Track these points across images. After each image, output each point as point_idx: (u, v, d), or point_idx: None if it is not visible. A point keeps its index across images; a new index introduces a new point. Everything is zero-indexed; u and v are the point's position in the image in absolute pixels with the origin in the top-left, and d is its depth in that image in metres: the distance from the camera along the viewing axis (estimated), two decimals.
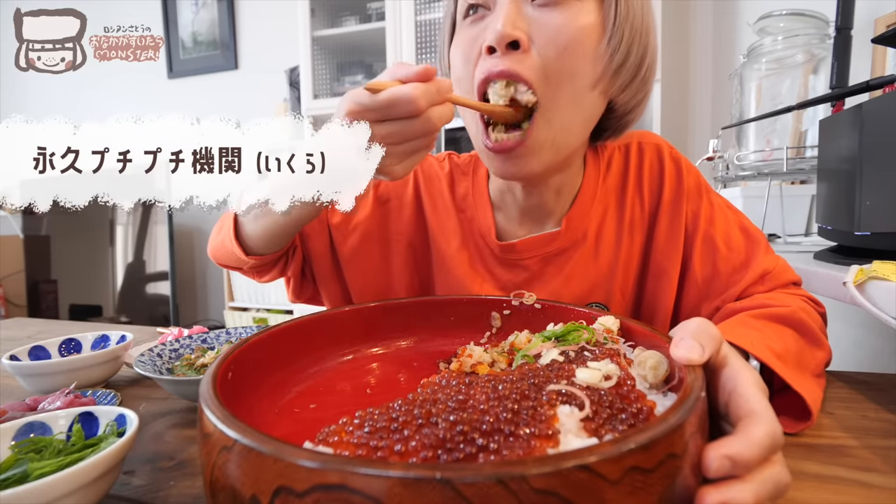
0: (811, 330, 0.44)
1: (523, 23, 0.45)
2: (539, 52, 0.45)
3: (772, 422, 0.25)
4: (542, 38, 0.45)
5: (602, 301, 0.58)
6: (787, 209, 1.01)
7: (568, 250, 0.58)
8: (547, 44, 0.45)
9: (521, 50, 0.45)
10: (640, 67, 0.49)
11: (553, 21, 0.45)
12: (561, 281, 0.58)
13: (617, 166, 0.59)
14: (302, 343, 0.41)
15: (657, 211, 0.58)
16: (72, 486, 0.27)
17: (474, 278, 0.60)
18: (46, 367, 0.51)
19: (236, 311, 2.37)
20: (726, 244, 0.55)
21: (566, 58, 0.45)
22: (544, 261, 0.58)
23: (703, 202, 0.57)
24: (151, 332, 0.80)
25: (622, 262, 0.58)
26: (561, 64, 0.45)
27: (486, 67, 0.46)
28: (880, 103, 0.62)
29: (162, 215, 2.42)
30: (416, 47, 2.03)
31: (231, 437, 0.21)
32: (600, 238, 0.58)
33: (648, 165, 0.58)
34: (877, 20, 1.10)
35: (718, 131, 1.22)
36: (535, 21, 0.45)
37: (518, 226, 0.59)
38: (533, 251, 0.58)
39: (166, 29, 2.80)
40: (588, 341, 0.35)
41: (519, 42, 0.44)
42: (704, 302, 0.56)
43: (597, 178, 0.59)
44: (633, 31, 0.47)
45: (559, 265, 0.58)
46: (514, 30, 0.44)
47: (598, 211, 0.58)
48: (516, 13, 0.44)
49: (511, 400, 0.24)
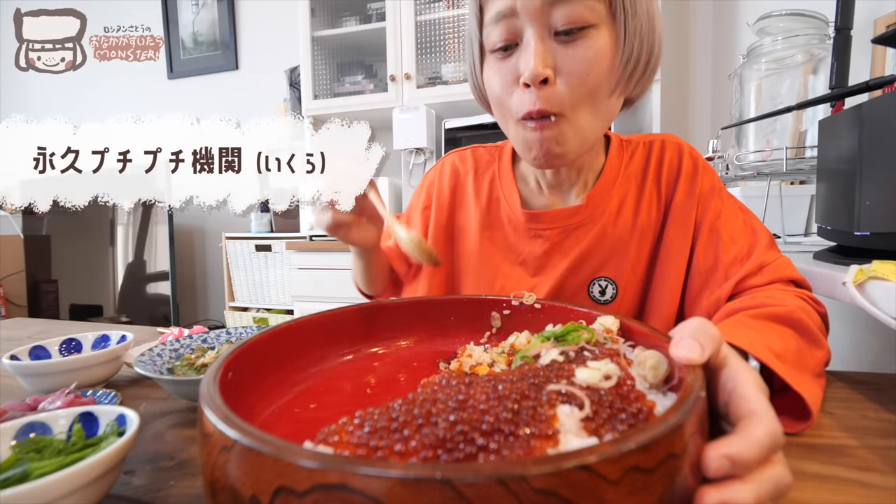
0: (810, 329, 0.45)
1: (550, 58, 0.51)
2: (564, 81, 0.52)
3: (772, 422, 0.25)
4: (566, 69, 0.51)
5: (613, 277, 0.62)
6: (787, 209, 1.01)
7: (587, 224, 0.63)
8: (570, 74, 0.51)
9: (549, 83, 0.51)
10: (648, 63, 0.55)
11: (575, 54, 0.51)
12: (578, 253, 0.62)
13: (639, 158, 0.65)
14: (302, 343, 0.41)
15: (671, 202, 0.62)
16: (72, 486, 0.27)
17: (493, 252, 0.66)
18: (47, 367, 0.51)
19: (236, 311, 2.37)
20: (730, 237, 0.58)
21: (587, 83, 0.52)
22: (565, 232, 0.63)
23: (715, 198, 0.61)
24: (152, 332, 0.80)
25: (636, 243, 0.62)
26: (583, 88, 0.52)
27: (524, 103, 0.53)
28: (880, 103, 0.62)
29: (162, 215, 2.42)
30: (416, 47, 2.03)
31: (231, 437, 0.21)
32: (618, 218, 0.63)
33: (668, 160, 0.64)
34: (877, 20, 1.10)
35: (718, 131, 1.22)
36: (559, 54, 0.51)
37: (542, 198, 0.66)
38: (556, 222, 0.63)
39: (166, 29, 2.80)
40: (588, 341, 0.35)
41: (548, 78, 0.51)
42: (705, 291, 0.58)
43: (619, 165, 0.65)
44: (641, 37, 0.53)
45: (578, 238, 0.63)
46: (544, 69, 0.50)
47: (618, 193, 0.63)
48: (544, 50, 0.51)
49: (511, 400, 0.24)
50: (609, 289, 0.62)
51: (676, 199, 0.62)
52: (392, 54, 2.05)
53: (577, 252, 0.62)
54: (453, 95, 2.01)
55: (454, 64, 2.06)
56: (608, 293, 0.62)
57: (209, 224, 2.86)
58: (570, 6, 0.49)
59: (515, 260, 0.65)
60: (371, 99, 2.14)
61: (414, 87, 2.04)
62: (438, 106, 2.07)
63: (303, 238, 2.10)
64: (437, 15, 2.03)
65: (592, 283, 0.62)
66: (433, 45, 2.06)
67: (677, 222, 0.61)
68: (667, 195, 0.63)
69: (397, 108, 2.05)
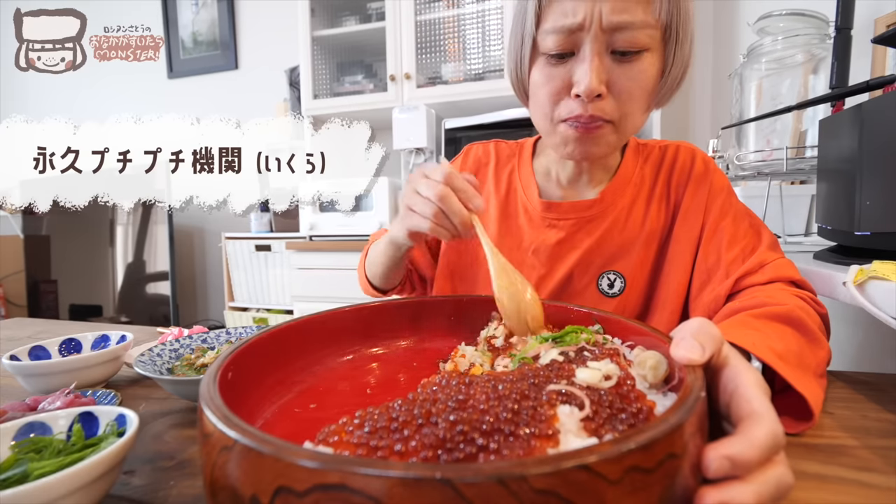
0: (810, 329, 0.45)
1: (605, 75, 0.53)
2: (615, 97, 0.54)
3: (773, 422, 0.25)
4: (618, 87, 0.54)
5: (621, 271, 0.64)
6: (787, 209, 1.01)
7: (599, 217, 0.65)
8: (621, 92, 0.54)
9: (601, 98, 0.54)
10: (681, 80, 0.59)
11: (628, 74, 0.53)
12: (590, 245, 0.64)
13: (653, 161, 0.68)
14: (302, 343, 0.41)
15: (681, 201, 0.64)
16: (72, 486, 0.27)
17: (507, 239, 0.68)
18: (46, 367, 0.51)
19: (236, 311, 2.37)
20: (734, 236, 0.59)
21: (634, 100, 0.55)
22: (578, 224, 0.65)
23: (723, 200, 0.62)
24: (151, 332, 0.80)
25: (644, 239, 0.64)
26: (630, 105, 0.55)
27: (573, 109, 0.55)
28: (880, 103, 0.62)
29: (162, 215, 2.42)
30: (416, 47, 2.03)
31: (231, 437, 0.21)
32: (630, 214, 0.65)
33: (680, 164, 0.66)
34: (877, 20, 1.10)
35: (718, 131, 1.22)
36: (613, 72, 0.53)
37: (558, 191, 0.68)
38: (572, 213, 0.65)
39: (166, 29, 2.80)
40: (587, 341, 0.35)
41: (601, 94, 0.53)
42: (706, 287, 0.59)
43: (634, 166, 0.67)
44: (684, 61, 0.57)
45: (590, 231, 0.65)
46: (599, 85, 0.52)
47: (631, 192, 0.66)
48: (600, 67, 0.53)
49: (511, 400, 0.24)
50: (617, 282, 0.64)
51: (685, 201, 0.64)
52: (392, 54, 2.05)
53: (588, 244, 0.64)
54: (453, 95, 2.01)
55: (454, 64, 2.06)
56: (616, 286, 0.64)
57: (209, 224, 2.86)
58: (633, 33, 0.52)
59: (528, 248, 0.67)
60: (371, 99, 2.13)
61: (414, 86, 2.04)
62: (438, 106, 2.07)
63: (303, 238, 2.10)
64: (437, 15, 2.03)
65: (602, 276, 0.64)
66: (433, 44, 2.05)
67: (685, 223, 0.63)
68: (676, 197, 0.65)
69: (397, 107, 2.05)
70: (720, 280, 0.58)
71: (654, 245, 0.64)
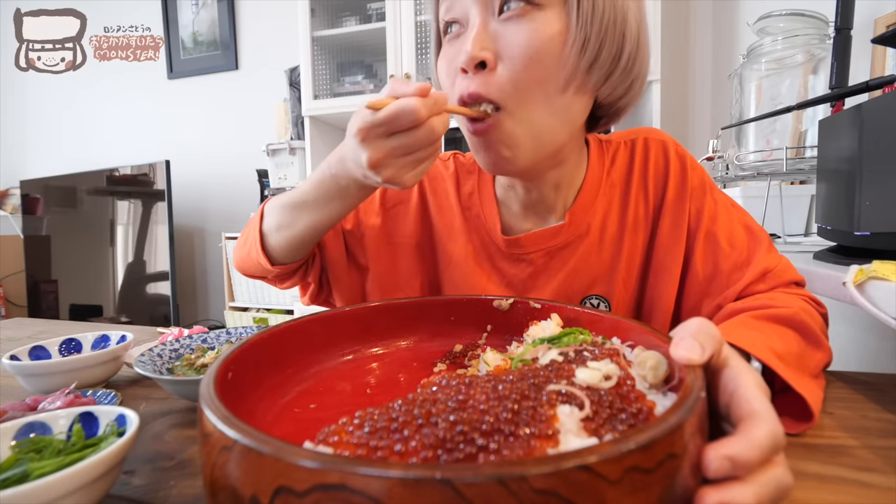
0: (812, 331, 0.44)
1: (490, 41, 0.47)
2: (506, 67, 0.47)
3: (773, 423, 0.25)
4: (508, 52, 0.47)
5: (604, 294, 0.59)
6: (787, 209, 1.01)
7: (572, 244, 0.59)
8: (513, 58, 0.47)
9: (488, 69, 0.47)
10: (618, 59, 0.49)
11: (518, 36, 0.46)
12: (565, 274, 0.59)
13: (622, 161, 0.60)
14: (302, 343, 0.41)
15: (661, 207, 0.58)
16: (72, 486, 0.27)
17: (480, 275, 0.61)
18: (46, 367, 0.51)
19: (236, 311, 2.37)
20: (729, 242, 0.55)
21: (532, 69, 0.47)
22: (549, 255, 0.59)
23: (707, 199, 0.57)
24: (151, 332, 0.80)
25: (625, 256, 0.58)
26: (528, 74, 0.47)
27: (461, 88, 0.49)
28: (880, 103, 0.62)
29: (162, 215, 2.41)
30: (416, 47, 2.03)
31: (231, 437, 0.21)
32: (604, 232, 0.59)
33: (654, 161, 0.59)
34: (877, 20, 1.10)
35: (718, 131, 1.22)
36: (501, 37, 0.47)
37: (522, 221, 0.61)
38: (538, 245, 0.59)
39: (166, 29, 2.80)
40: (586, 341, 0.35)
41: (486, 62, 0.47)
42: (706, 299, 0.56)
43: (601, 172, 0.59)
44: (602, 27, 0.47)
45: (563, 259, 0.59)
46: (481, 51, 0.46)
47: (601, 205, 0.59)
48: (484, 33, 0.47)
49: (511, 400, 0.24)
50: (601, 306, 0.59)
51: (666, 205, 0.58)
52: (392, 54, 2.05)
53: (563, 274, 0.59)
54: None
55: None
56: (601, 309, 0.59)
57: (209, 224, 2.86)
58: None
59: (501, 282, 0.61)
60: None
61: None
62: None
63: None
64: None
65: (584, 301, 0.59)
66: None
67: (669, 229, 0.57)
68: (655, 200, 0.59)
69: None
70: (720, 290, 0.54)
71: (636, 260, 0.59)
